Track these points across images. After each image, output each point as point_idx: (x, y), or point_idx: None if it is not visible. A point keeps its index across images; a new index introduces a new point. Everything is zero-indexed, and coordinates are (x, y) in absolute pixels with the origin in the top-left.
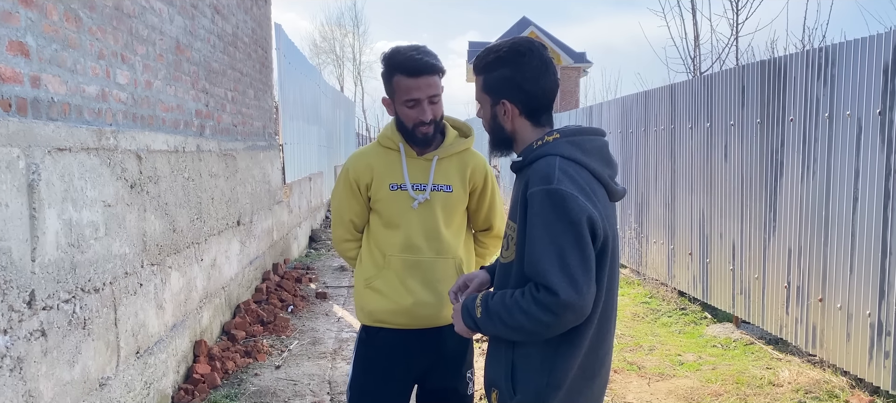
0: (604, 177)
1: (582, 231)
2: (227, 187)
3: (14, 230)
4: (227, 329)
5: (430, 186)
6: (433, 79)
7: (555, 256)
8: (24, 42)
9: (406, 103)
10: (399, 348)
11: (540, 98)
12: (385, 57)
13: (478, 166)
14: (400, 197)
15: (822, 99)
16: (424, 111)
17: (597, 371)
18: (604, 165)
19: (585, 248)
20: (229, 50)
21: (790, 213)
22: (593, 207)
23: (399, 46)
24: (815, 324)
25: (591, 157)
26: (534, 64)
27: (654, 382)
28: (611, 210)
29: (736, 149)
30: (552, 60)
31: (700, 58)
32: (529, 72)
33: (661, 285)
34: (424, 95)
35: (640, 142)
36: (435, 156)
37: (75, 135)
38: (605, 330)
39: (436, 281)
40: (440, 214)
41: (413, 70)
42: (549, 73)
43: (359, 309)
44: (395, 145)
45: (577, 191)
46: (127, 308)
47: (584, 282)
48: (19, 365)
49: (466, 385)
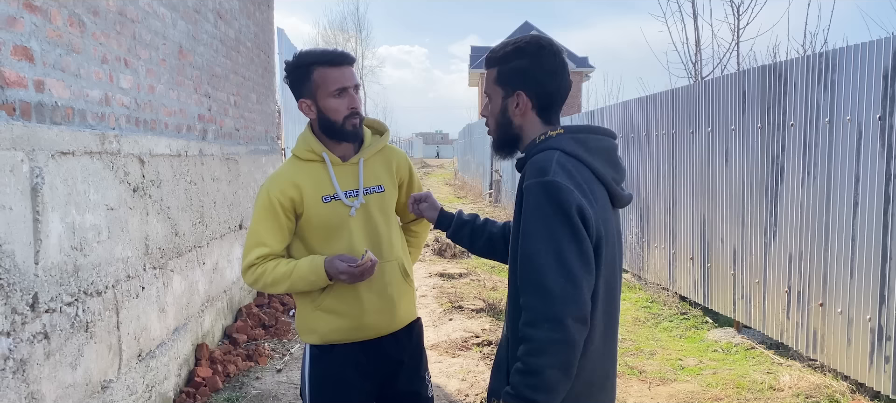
0: (607, 178)
1: (575, 221)
2: (230, 191)
3: (17, 233)
4: (229, 332)
5: (362, 190)
6: (353, 70)
7: (552, 252)
8: (29, 47)
9: (333, 94)
10: (356, 361)
11: (554, 95)
12: (295, 60)
13: (401, 159)
14: (335, 207)
15: (822, 104)
16: (354, 99)
17: (602, 383)
18: (608, 167)
19: (582, 242)
20: (232, 54)
21: (791, 218)
22: (587, 202)
23: (304, 50)
24: (815, 329)
25: (594, 156)
26: (554, 59)
27: (654, 386)
28: (610, 215)
29: (737, 154)
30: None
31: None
32: (548, 65)
33: (663, 289)
34: (351, 83)
35: (642, 147)
36: (360, 158)
37: (78, 139)
38: (608, 339)
39: (386, 285)
40: (378, 217)
41: (335, 60)
42: (566, 73)
43: (307, 332)
44: (317, 156)
45: (572, 185)
46: (129, 311)
47: (581, 275)
48: (22, 368)
49: (427, 387)
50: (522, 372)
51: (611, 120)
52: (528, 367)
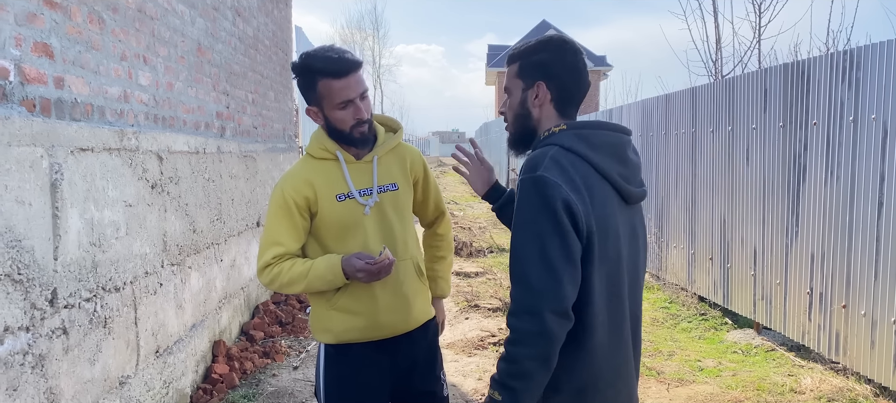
0: (611, 174)
1: (559, 216)
2: (247, 188)
3: (37, 229)
4: (246, 329)
5: (376, 188)
6: (359, 76)
7: (535, 246)
8: (49, 43)
9: (339, 106)
10: (372, 361)
11: (573, 90)
12: (301, 66)
13: (414, 156)
14: (349, 206)
15: (846, 102)
16: (360, 109)
17: (611, 379)
18: (614, 162)
19: (566, 236)
20: (250, 52)
21: (813, 218)
22: (578, 197)
23: (308, 52)
24: (838, 331)
25: (597, 151)
26: (575, 57)
27: (673, 388)
28: (615, 209)
29: (758, 152)
30: (583, 61)
31: (722, 61)
32: (570, 61)
33: (681, 290)
34: (356, 93)
35: (661, 146)
36: (374, 156)
37: (98, 135)
38: (615, 335)
39: (400, 284)
40: (393, 215)
41: (340, 71)
42: (585, 72)
43: (322, 332)
44: (331, 154)
45: (562, 180)
46: (147, 307)
47: (563, 269)
48: (41, 363)
49: (442, 387)
50: (504, 360)
51: (629, 118)
52: (509, 356)
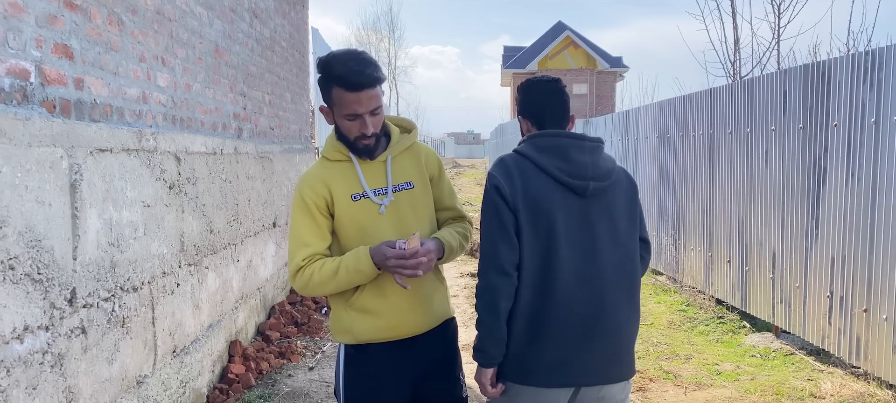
0: (550, 169)
1: (493, 198)
2: (264, 189)
3: (56, 229)
4: (262, 329)
5: (390, 188)
6: (374, 92)
7: (484, 223)
8: (69, 45)
9: (347, 116)
10: (392, 360)
11: (539, 116)
12: (322, 65)
13: (429, 154)
14: (364, 206)
15: (867, 103)
16: (366, 125)
17: (541, 334)
18: (556, 160)
19: (499, 213)
20: (267, 54)
21: (833, 221)
22: (508, 182)
23: (336, 53)
24: (859, 335)
25: (541, 153)
26: (536, 90)
27: (690, 391)
28: (549, 196)
29: (777, 154)
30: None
31: (740, 62)
32: (530, 96)
33: (699, 293)
34: (366, 109)
35: (678, 147)
36: (387, 156)
37: (116, 136)
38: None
39: (419, 283)
40: (409, 214)
41: (354, 85)
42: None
43: (342, 332)
44: (344, 156)
45: (498, 172)
46: (164, 307)
47: (498, 237)
48: (60, 362)
49: (461, 387)
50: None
51: (646, 120)
52: (475, 307)
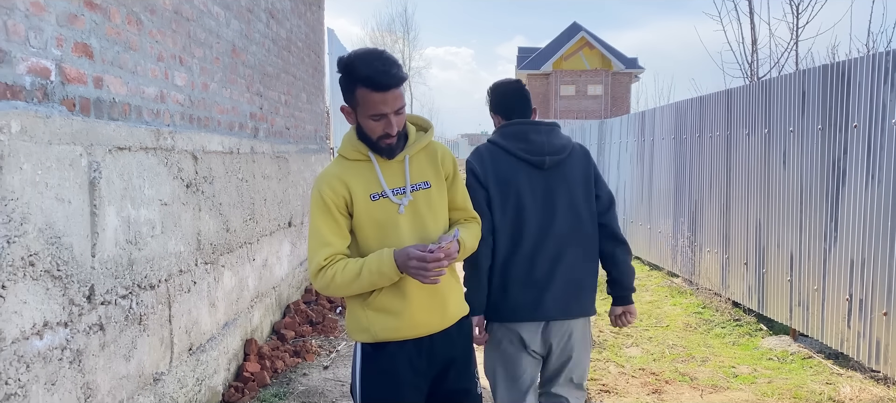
0: (514, 150)
1: (469, 179)
2: (280, 189)
3: (76, 226)
4: (277, 328)
5: (408, 187)
6: (399, 92)
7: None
8: (89, 44)
9: (372, 116)
10: (409, 359)
11: (504, 111)
12: (345, 65)
13: (445, 153)
14: (383, 205)
15: (888, 104)
16: (391, 124)
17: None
18: (518, 143)
19: (472, 189)
20: (283, 54)
21: (853, 223)
22: (480, 164)
23: (358, 53)
24: (878, 339)
25: (506, 139)
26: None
27: (707, 394)
28: (515, 173)
29: (795, 156)
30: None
31: (757, 63)
32: (497, 96)
33: (715, 295)
34: (391, 109)
35: (695, 149)
36: (405, 156)
37: (135, 134)
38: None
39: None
40: (426, 213)
41: (380, 85)
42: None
43: (359, 331)
44: (363, 155)
45: (473, 158)
46: (181, 305)
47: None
48: (78, 358)
49: (476, 385)
50: None
51: (662, 121)
52: (462, 268)
